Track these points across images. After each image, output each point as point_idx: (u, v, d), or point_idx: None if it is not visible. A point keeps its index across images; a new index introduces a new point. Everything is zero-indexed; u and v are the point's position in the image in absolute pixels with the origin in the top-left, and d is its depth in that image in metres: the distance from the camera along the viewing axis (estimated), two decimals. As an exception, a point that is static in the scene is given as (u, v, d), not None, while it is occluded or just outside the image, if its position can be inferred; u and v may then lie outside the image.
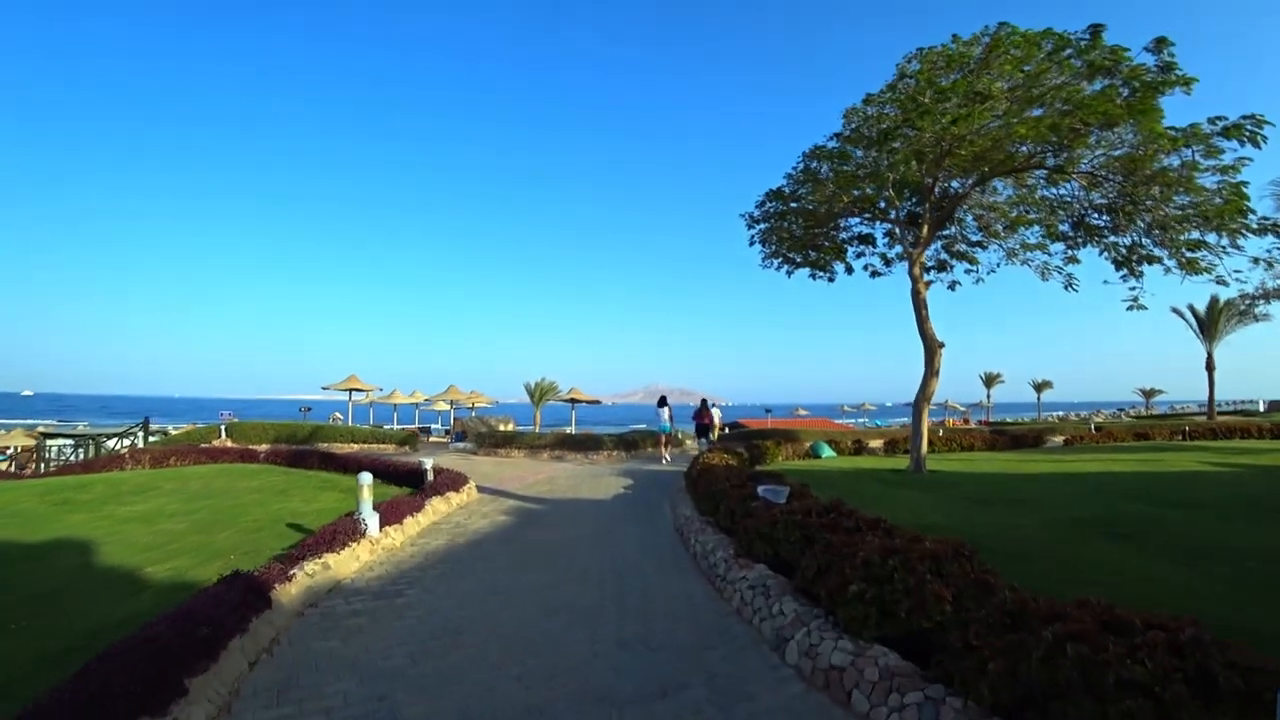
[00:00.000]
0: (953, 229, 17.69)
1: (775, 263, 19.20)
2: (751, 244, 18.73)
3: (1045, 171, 15.00)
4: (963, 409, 60.92)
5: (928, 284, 15.32)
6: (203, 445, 20.43)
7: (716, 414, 24.34)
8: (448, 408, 38.31)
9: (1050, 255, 16.65)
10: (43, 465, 20.90)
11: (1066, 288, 16.65)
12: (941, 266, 18.53)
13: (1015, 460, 17.63)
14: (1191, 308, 35.85)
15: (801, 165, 15.79)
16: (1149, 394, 79.23)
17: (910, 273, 14.96)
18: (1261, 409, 50.35)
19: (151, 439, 25.89)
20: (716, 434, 22.92)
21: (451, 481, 10.78)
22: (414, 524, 8.30)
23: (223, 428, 23.75)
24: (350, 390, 32.39)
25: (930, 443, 21.99)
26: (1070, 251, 16.09)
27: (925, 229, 15.34)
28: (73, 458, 21.32)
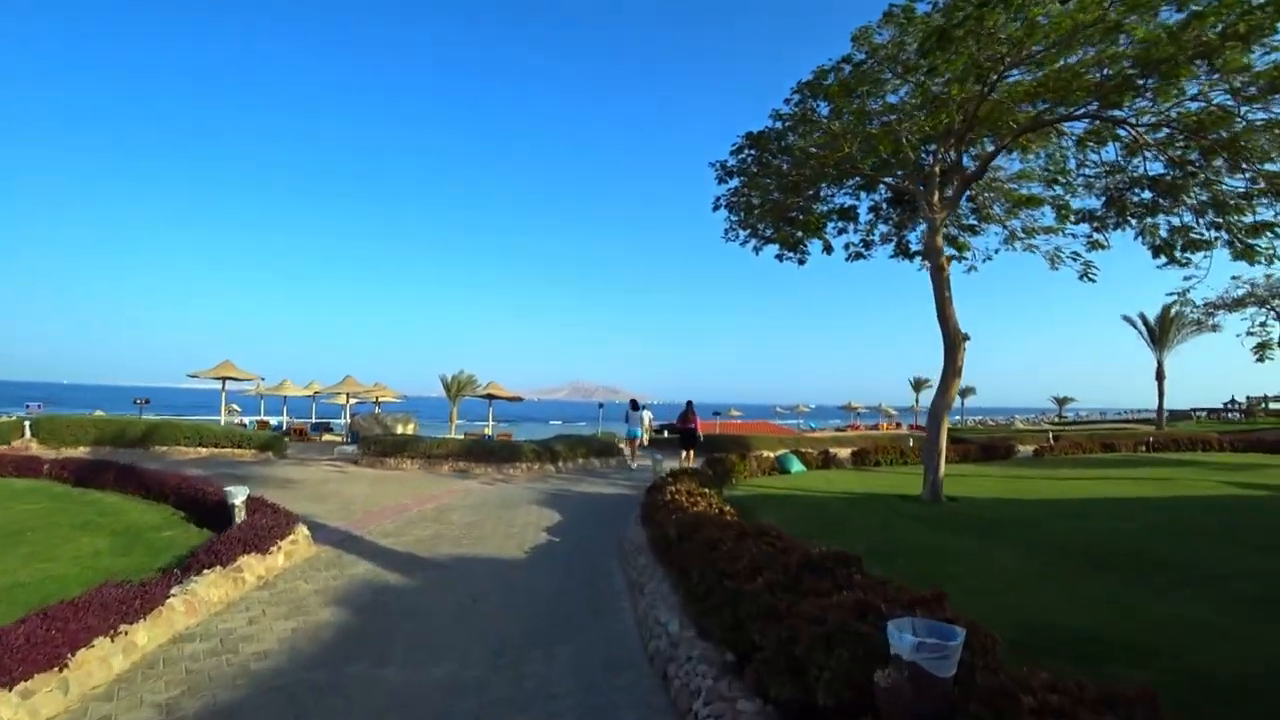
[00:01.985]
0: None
1: (742, 235, 15.71)
2: (716, 208, 15.04)
3: (1078, 133, 12.16)
4: (894, 413, 59.97)
5: (949, 259, 12.08)
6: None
7: (648, 416, 21.94)
8: (345, 401, 32.91)
9: (1074, 238, 13.64)
10: None
11: (1082, 277, 13.61)
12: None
13: (1019, 478, 14.92)
14: (1143, 316, 35.15)
15: (797, 100, 12.13)
16: (1062, 401, 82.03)
17: (929, 244, 11.60)
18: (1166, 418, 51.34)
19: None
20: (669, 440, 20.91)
21: (262, 531, 6.44)
22: (106, 660, 3.97)
23: (27, 424, 17.91)
24: (224, 379, 26.59)
25: (905, 456, 19.14)
26: (1097, 235, 13.15)
27: (936, 193, 12.03)
28: None
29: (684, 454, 16.49)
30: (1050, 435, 28.31)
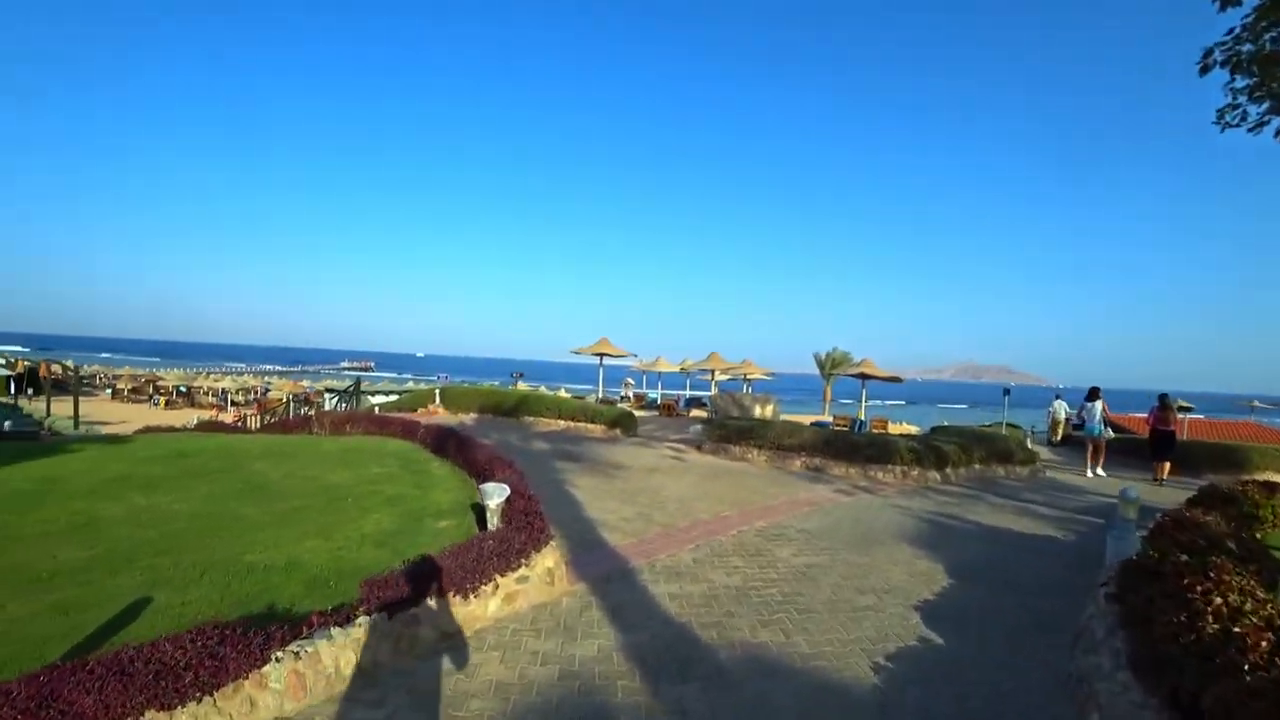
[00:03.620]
0: None
1: (1254, 111, 8.77)
2: (1207, 68, 8.41)
3: None
4: (1269, 407, 38.79)
5: None
6: (405, 413, 17.67)
7: (1062, 406, 17.25)
8: (713, 378, 32.91)
9: None
10: (269, 417, 20.97)
11: None
12: None
13: None
14: None
15: None
16: None
17: None
18: None
19: (394, 398, 25.27)
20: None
21: (472, 564, 4.39)
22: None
23: (438, 392, 21.25)
24: (600, 355, 28.32)
25: None
26: None
27: None
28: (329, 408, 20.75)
29: (1157, 469, 12.65)
30: None
